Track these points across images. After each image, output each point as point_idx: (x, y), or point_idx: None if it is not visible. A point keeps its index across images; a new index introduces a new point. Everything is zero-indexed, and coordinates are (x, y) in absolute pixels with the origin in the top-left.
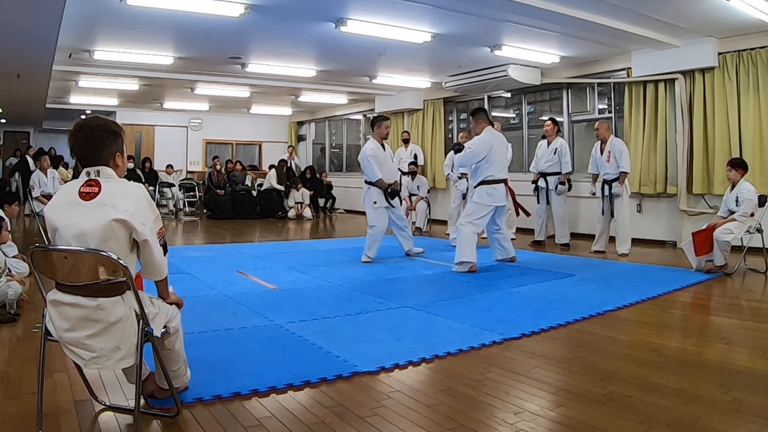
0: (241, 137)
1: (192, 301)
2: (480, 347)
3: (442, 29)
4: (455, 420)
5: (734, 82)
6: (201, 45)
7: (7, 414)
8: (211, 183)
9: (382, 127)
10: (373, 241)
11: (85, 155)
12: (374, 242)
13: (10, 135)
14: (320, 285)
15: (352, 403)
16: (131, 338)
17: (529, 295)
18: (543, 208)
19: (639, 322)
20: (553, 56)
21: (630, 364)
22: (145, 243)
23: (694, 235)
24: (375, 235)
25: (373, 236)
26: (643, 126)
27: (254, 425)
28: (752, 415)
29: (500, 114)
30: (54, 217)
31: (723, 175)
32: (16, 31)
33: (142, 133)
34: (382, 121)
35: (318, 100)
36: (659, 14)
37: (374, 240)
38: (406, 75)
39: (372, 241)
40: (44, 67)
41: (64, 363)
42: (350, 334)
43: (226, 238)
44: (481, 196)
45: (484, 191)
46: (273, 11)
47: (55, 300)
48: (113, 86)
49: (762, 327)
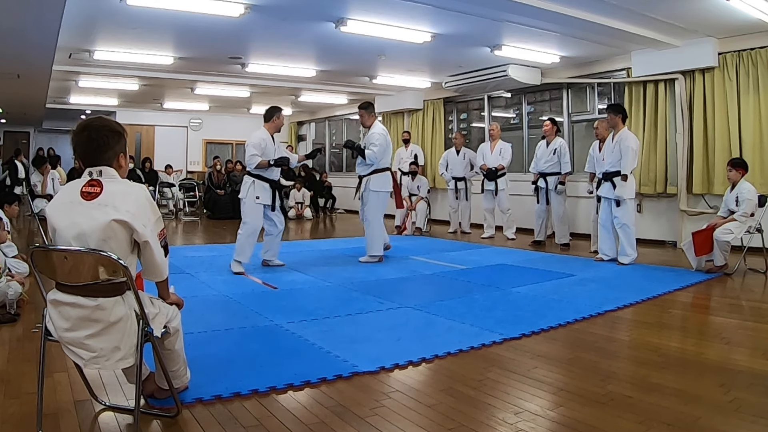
0: (241, 137)
1: (192, 301)
2: (480, 347)
3: (442, 29)
4: (455, 420)
5: (734, 82)
6: (201, 45)
7: (7, 414)
8: (211, 183)
9: (281, 118)
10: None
11: (88, 155)
12: (249, 244)
13: (10, 135)
14: (320, 285)
15: (352, 403)
16: (131, 338)
17: (529, 295)
18: (543, 208)
19: (639, 322)
20: (553, 56)
21: (630, 364)
22: (145, 244)
23: (694, 235)
24: (249, 232)
25: (247, 234)
26: (643, 126)
27: (254, 425)
28: (752, 415)
29: (500, 114)
30: (55, 217)
31: (723, 175)
32: (16, 31)
33: (142, 133)
34: (279, 112)
35: (318, 100)
36: (659, 14)
37: (249, 238)
38: (406, 75)
39: (246, 243)
40: (44, 67)
41: (64, 363)
42: (350, 334)
43: (226, 238)
44: (385, 184)
45: (381, 179)
46: (273, 11)
47: (55, 300)
48: (113, 86)
49: (762, 327)
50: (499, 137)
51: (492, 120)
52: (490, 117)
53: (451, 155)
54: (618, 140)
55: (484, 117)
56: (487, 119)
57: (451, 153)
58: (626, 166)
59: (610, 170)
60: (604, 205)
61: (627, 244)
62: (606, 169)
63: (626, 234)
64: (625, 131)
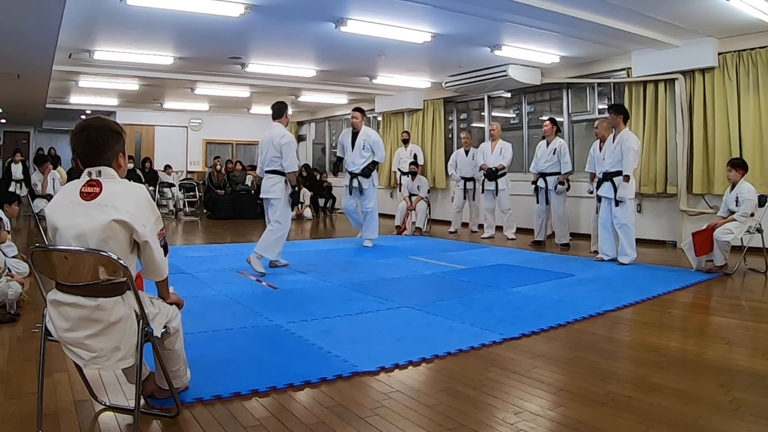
0: (241, 137)
1: (192, 301)
2: (480, 347)
3: (442, 29)
4: (455, 420)
5: (734, 82)
6: (201, 45)
7: (7, 414)
8: (211, 183)
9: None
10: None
11: (87, 155)
12: (280, 244)
13: (10, 135)
14: (320, 285)
15: (352, 403)
16: (131, 338)
17: (529, 295)
18: (543, 208)
19: (639, 322)
20: (553, 56)
21: (630, 364)
22: (145, 244)
23: (694, 236)
24: (283, 233)
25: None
26: (643, 126)
27: (254, 425)
28: (752, 415)
29: (500, 114)
30: (55, 217)
31: (723, 175)
32: (16, 31)
33: (142, 133)
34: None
35: (318, 100)
36: (659, 14)
37: (281, 239)
38: (406, 75)
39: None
40: (44, 67)
41: (64, 363)
42: (350, 334)
43: (226, 238)
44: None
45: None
46: (273, 11)
47: (55, 300)
48: (113, 86)
49: (762, 327)
50: (500, 137)
51: (492, 120)
52: (490, 117)
53: (460, 155)
54: (619, 140)
55: (484, 117)
56: (487, 119)
57: (460, 153)
58: (628, 167)
59: (611, 170)
60: (604, 205)
61: (627, 244)
62: (606, 169)
63: (626, 234)
64: (627, 131)
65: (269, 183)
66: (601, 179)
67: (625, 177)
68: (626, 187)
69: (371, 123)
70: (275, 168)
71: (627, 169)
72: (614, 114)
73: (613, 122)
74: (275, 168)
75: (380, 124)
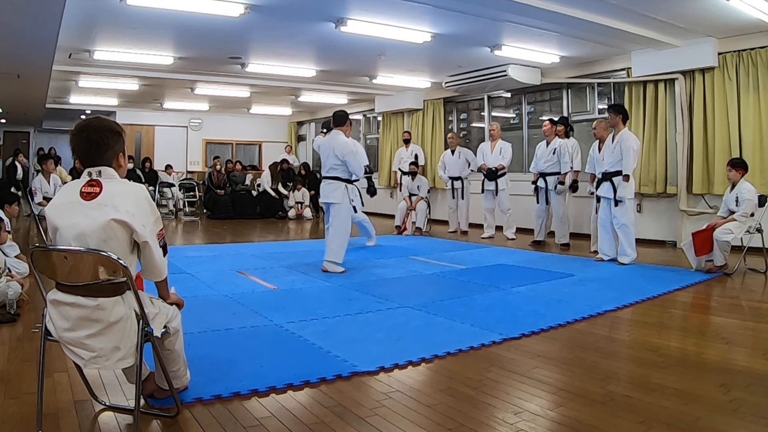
0: (241, 137)
1: (192, 301)
2: (480, 347)
3: (442, 29)
4: (455, 420)
5: (734, 82)
6: (201, 45)
7: (7, 414)
8: (211, 183)
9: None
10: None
11: (87, 156)
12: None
13: (10, 135)
14: (320, 285)
15: (352, 403)
16: (131, 338)
17: (529, 295)
18: (542, 208)
19: (639, 322)
20: (553, 56)
21: (630, 364)
22: (145, 244)
23: (694, 236)
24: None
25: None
26: (643, 126)
27: (254, 425)
28: (752, 415)
29: (500, 114)
30: (55, 217)
31: (723, 175)
32: (16, 31)
33: (142, 133)
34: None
35: (318, 100)
36: (659, 14)
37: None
38: (406, 75)
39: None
40: (44, 67)
41: (64, 363)
42: (350, 334)
43: (226, 238)
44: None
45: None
46: (273, 11)
47: (55, 300)
48: (113, 86)
49: (762, 327)
50: (500, 137)
51: (492, 120)
52: (490, 117)
53: (447, 156)
54: (619, 140)
55: (484, 117)
56: (487, 119)
57: (447, 154)
58: (627, 167)
59: (610, 170)
60: (604, 205)
61: (626, 244)
62: (606, 169)
63: (626, 234)
64: (626, 131)
65: (329, 188)
66: (600, 179)
67: (625, 177)
68: (626, 187)
69: (371, 123)
70: (336, 174)
71: (627, 169)
72: (614, 114)
73: (613, 122)
74: (336, 174)
75: (380, 124)
